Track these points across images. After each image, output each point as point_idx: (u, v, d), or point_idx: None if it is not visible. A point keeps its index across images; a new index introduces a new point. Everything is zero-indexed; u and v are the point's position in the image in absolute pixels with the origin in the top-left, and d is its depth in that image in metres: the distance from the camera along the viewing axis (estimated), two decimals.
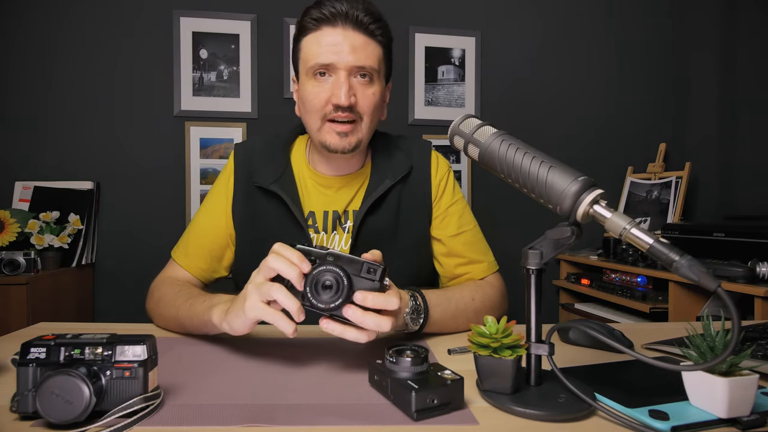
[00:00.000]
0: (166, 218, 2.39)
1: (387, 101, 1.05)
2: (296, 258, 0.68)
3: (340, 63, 0.92)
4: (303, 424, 0.54)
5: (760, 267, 1.61)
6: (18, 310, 1.86)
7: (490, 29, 2.62)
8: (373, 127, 1.00)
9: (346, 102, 0.92)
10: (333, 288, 0.66)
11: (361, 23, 0.93)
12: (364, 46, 0.94)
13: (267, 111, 2.45)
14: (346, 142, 0.95)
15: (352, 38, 0.93)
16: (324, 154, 1.02)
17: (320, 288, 0.66)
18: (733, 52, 2.44)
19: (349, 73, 0.93)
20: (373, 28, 0.95)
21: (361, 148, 1.00)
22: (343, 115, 0.94)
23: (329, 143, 0.96)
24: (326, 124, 0.95)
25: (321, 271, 0.67)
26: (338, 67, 0.93)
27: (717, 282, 0.50)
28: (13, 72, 2.30)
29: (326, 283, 0.66)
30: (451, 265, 1.06)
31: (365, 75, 0.95)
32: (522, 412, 0.56)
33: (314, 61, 0.94)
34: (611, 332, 0.80)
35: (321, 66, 0.93)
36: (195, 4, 2.41)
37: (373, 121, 0.99)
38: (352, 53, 0.92)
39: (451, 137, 0.70)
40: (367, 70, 0.94)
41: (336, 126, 0.95)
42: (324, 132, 0.96)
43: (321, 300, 0.66)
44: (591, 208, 0.57)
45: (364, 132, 0.97)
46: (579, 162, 2.56)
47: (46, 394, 0.50)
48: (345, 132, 0.95)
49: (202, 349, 0.82)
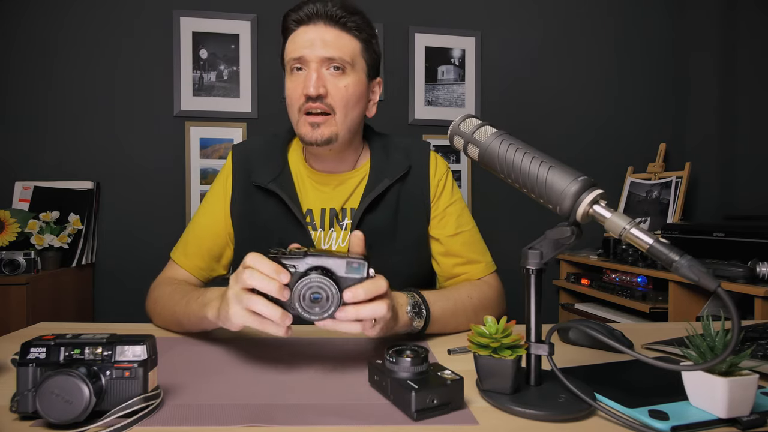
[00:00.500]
0: (166, 218, 2.39)
1: (376, 98, 1.05)
2: (273, 271, 0.65)
3: (310, 55, 0.95)
4: (303, 424, 0.54)
5: (760, 267, 1.61)
6: (18, 310, 1.86)
7: (490, 29, 2.62)
8: (351, 121, 0.99)
9: (314, 92, 0.93)
10: (322, 298, 0.65)
11: (332, 18, 0.96)
12: (335, 39, 0.96)
13: (267, 111, 2.45)
14: (318, 133, 0.96)
15: (324, 32, 0.96)
16: (311, 150, 1.04)
17: (309, 302, 0.65)
18: (733, 52, 2.44)
19: (319, 64, 0.95)
20: (346, 21, 0.97)
21: (340, 142, 0.99)
22: (314, 106, 0.95)
23: (303, 134, 0.98)
24: (302, 117, 0.97)
25: (306, 285, 0.64)
26: (309, 60, 0.95)
27: (717, 282, 0.50)
28: (13, 72, 2.30)
29: (314, 297, 0.65)
30: (449, 265, 1.07)
31: (338, 67, 0.96)
32: (522, 412, 0.56)
33: (289, 57, 0.98)
34: (611, 332, 0.80)
35: (294, 60, 0.96)
36: (195, 4, 2.41)
37: (349, 115, 0.98)
38: (323, 46, 0.95)
39: (450, 137, 0.70)
40: (337, 62, 0.95)
41: (309, 118, 0.96)
42: (300, 125, 0.98)
43: (313, 312, 0.65)
44: (591, 208, 0.57)
45: (338, 125, 0.97)
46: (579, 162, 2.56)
47: (46, 394, 0.50)
48: (317, 123, 0.96)
49: (202, 349, 0.82)
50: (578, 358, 0.79)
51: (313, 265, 0.67)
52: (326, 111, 0.96)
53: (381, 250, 0.76)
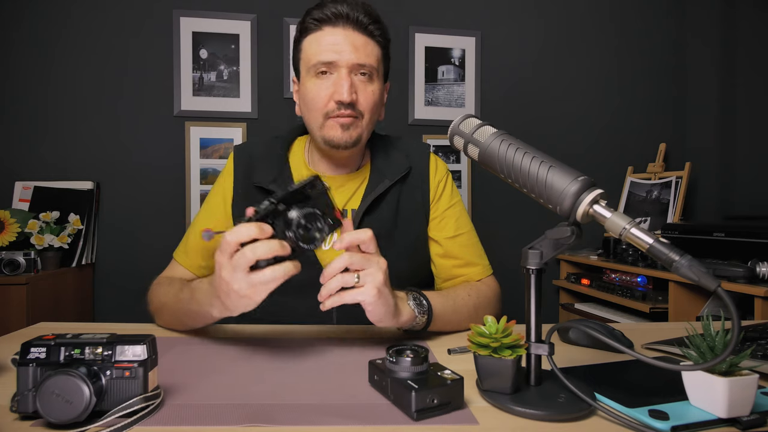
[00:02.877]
0: (166, 218, 2.39)
1: (385, 101, 1.07)
2: (259, 232, 0.66)
3: (341, 61, 0.95)
4: (303, 424, 0.54)
5: (760, 267, 1.61)
6: (18, 310, 1.86)
7: (490, 29, 2.62)
8: (372, 125, 1.02)
9: (348, 98, 0.94)
10: (313, 227, 0.69)
11: (360, 24, 0.96)
12: (364, 45, 0.96)
13: (267, 111, 2.45)
14: (348, 135, 0.97)
15: (353, 38, 0.95)
16: (324, 152, 1.03)
17: (305, 232, 0.68)
18: (733, 52, 2.44)
19: (350, 70, 0.95)
20: (372, 29, 0.98)
21: (361, 144, 1.01)
22: (345, 113, 0.96)
23: (332, 137, 0.97)
24: (329, 120, 0.97)
25: (294, 221, 0.68)
26: (340, 65, 0.95)
27: (717, 282, 0.50)
28: (13, 72, 2.30)
29: (307, 226, 0.69)
30: (448, 266, 1.07)
31: (365, 73, 0.97)
32: (522, 412, 0.56)
33: (316, 60, 0.96)
34: (611, 332, 0.80)
35: (323, 64, 0.95)
36: (195, 4, 2.41)
37: (372, 119, 1.01)
38: (353, 52, 0.95)
39: (450, 137, 0.70)
40: (367, 69, 0.97)
41: (338, 119, 0.96)
42: (327, 128, 0.97)
43: (317, 239, 0.69)
44: (591, 207, 0.57)
45: (364, 128, 0.99)
46: (579, 162, 2.57)
47: (46, 394, 0.50)
48: (347, 124, 0.96)
49: (202, 349, 0.82)
50: (578, 358, 0.79)
51: (273, 201, 0.68)
52: (355, 116, 0.97)
53: (381, 251, 0.76)
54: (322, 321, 0.96)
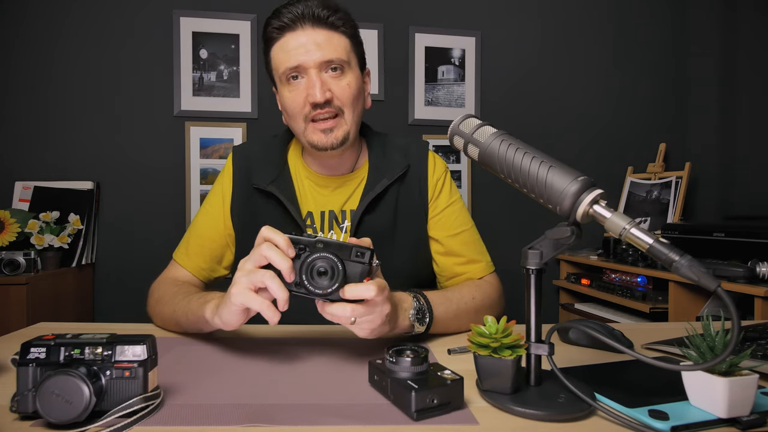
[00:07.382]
0: (166, 218, 2.39)
1: (369, 90, 1.05)
2: (284, 244, 0.68)
3: (308, 62, 0.93)
4: (303, 424, 0.54)
5: (760, 267, 1.61)
6: (18, 310, 1.86)
7: (490, 29, 2.62)
8: (357, 117, 1.00)
9: (321, 98, 0.93)
10: (328, 274, 0.67)
11: (319, 19, 0.94)
12: (328, 41, 0.94)
13: (267, 111, 2.45)
14: (333, 137, 0.96)
15: (314, 36, 0.94)
16: (316, 155, 1.03)
17: (315, 274, 0.68)
18: (733, 53, 2.44)
19: (319, 69, 0.94)
20: (333, 20, 0.95)
21: (351, 140, 0.99)
22: (323, 112, 0.94)
23: (316, 142, 0.96)
24: (310, 124, 0.96)
25: (315, 258, 0.67)
26: (307, 66, 0.94)
27: (717, 282, 0.50)
28: (13, 72, 2.30)
29: (321, 269, 0.67)
30: (450, 264, 1.07)
31: (336, 68, 0.95)
32: (522, 412, 0.56)
33: (284, 67, 0.95)
34: (611, 332, 0.80)
35: (291, 69, 0.95)
36: (195, 4, 2.41)
37: (355, 112, 0.99)
38: (318, 50, 0.93)
39: (450, 137, 0.70)
40: (336, 63, 0.95)
41: (318, 124, 0.95)
42: (309, 132, 0.97)
43: (318, 286, 0.67)
44: (591, 208, 0.57)
45: (349, 124, 0.98)
46: (579, 162, 2.57)
47: (46, 394, 0.50)
48: (330, 128, 0.96)
49: (202, 349, 0.82)
50: (578, 358, 0.79)
51: (322, 245, 0.69)
52: (335, 113, 0.96)
53: (381, 250, 0.76)
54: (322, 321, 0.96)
